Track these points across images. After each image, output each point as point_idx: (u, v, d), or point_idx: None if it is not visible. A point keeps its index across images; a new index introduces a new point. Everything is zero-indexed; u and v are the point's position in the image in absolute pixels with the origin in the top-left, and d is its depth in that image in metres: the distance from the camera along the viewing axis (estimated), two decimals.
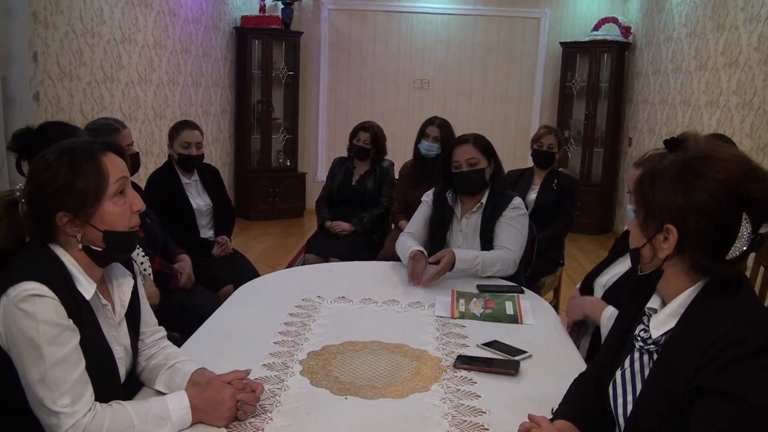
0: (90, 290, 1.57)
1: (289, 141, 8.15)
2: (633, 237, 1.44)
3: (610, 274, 2.37)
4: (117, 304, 1.70)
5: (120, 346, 1.68)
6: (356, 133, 4.44)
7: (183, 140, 3.65)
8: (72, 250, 1.57)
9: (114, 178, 1.58)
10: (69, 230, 1.55)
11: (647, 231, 1.37)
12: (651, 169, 1.37)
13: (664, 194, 1.32)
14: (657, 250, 1.36)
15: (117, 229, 1.59)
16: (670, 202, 1.31)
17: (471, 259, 2.83)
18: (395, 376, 1.87)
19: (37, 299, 1.42)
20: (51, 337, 1.42)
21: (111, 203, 1.57)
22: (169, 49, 5.77)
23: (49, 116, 3.78)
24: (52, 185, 1.51)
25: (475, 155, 2.99)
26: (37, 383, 1.42)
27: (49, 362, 1.42)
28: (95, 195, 1.54)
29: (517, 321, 2.37)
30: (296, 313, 2.37)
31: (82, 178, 1.53)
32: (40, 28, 3.71)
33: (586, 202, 7.22)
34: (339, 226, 4.32)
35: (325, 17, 8.19)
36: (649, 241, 1.37)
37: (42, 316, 1.42)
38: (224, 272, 3.53)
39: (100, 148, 1.59)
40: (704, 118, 5.57)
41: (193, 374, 1.72)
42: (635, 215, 1.42)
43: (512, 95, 8.33)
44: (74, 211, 1.53)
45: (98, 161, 1.56)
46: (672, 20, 6.47)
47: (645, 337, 1.43)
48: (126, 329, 1.72)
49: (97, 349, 1.58)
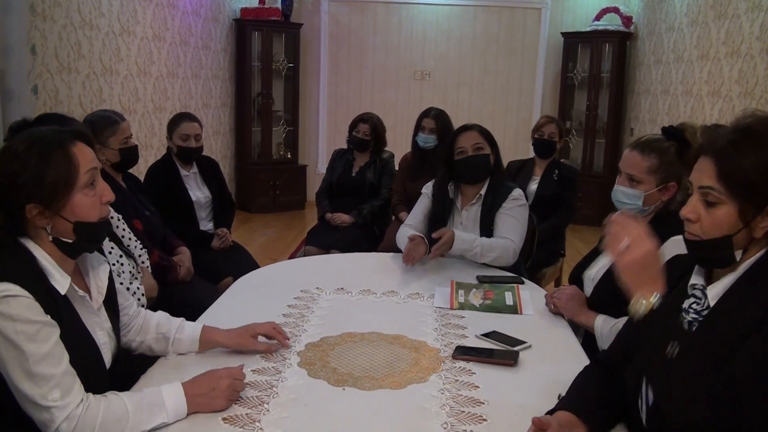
0: (65, 284, 1.55)
1: (289, 133, 8.13)
2: (713, 227, 1.37)
3: (598, 266, 2.36)
4: (94, 291, 1.70)
5: (103, 331, 1.69)
6: (356, 124, 4.42)
7: (182, 132, 3.64)
8: (43, 243, 1.55)
9: (84, 168, 1.55)
10: (38, 222, 1.53)
11: (746, 216, 1.33)
12: (731, 151, 1.33)
13: (762, 170, 1.30)
14: (754, 230, 1.33)
15: (87, 220, 1.58)
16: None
17: (470, 240, 2.82)
18: (393, 367, 1.86)
19: (11, 299, 1.41)
20: (30, 335, 1.41)
21: (81, 194, 1.56)
22: (169, 41, 5.75)
23: (47, 109, 3.78)
24: (21, 176, 1.49)
25: (480, 140, 2.99)
26: (25, 382, 1.41)
27: (33, 360, 1.41)
28: (65, 186, 1.52)
29: (516, 311, 2.37)
30: (295, 305, 2.36)
31: (52, 168, 1.50)
32: (38, 20, 3.70)
33: (587, 193, 7.20)
34: (339, 218, 4.32)
35: (325, 9, 8.16)
36: (746, 225, 1.33)
37: (18, 316, 1.41)
38: (224, 265, 3.53)
39: (69, 138, 1.56)
40: (706, 107, 5.54)
41: (202, 335, 1.90)
42: (714, 204, 1.36)
43: (513, 86, 8.30)
44: (44, 203, 1.51)
45: (68, 151, 1.53)
46: (673, 9, 6.43)
47: (699, 309, 1.40)
48: (105, 314, 1.73)
49: (80, 340, 1.57)
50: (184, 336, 1.90)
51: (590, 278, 2.38)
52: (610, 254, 1.48)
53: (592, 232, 6.93)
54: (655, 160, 2.18)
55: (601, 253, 2.41)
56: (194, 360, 1.88)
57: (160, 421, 1.50)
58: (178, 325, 1.92)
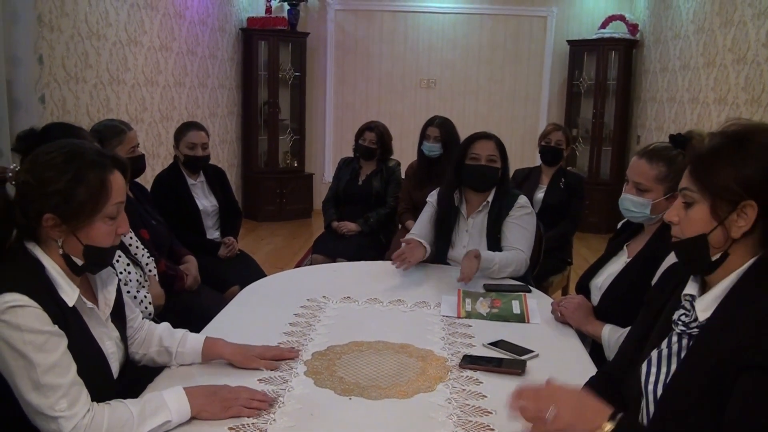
0: (73, 296, 1.55)
1: (296, 142, 8.14)
2: (689, 226, 1.40)
3: (605, 275, 2.35)
4: (102, 303, 1.70)
5: (111, 341, 1.70)
6: (362, 133, 4.43)
7: (189, 141, 3.65)
8: (52, 253, 1.56)
9: (115, 200, 1.57)
10: (51, 233, 1.53)
11: (718, 214, 1.34)
12: (704, 151, 1.36)
13: (734, 170, 1.31)
14: (731, 230, 1.33)
15: (99, 245, 1.59)
16: (744, 175, 1.30)
17: (489, 259, 2.81)
18: (400, 376, 1.86)
19: (18, 310, 1.41)
20: (38, 346, 1.41)
21: (101, 222, 1.57)
22: (176, 51, 5.77)
23: (55, 119, 3.79)
24: (51, 186, 1.49)
25: (495, 153, 2.99)
26: (32, 392, 1.41)
27: (41, 370, 1.41)
28: (92, 210, 1.54)
29: (523, 320, 2.35)
30: (301, 314, 2.36)
31: (84, 188, 1.51)
32: (46, 31, 3.72)
33: (594, 201, 7.19)
34: (345, 227, 4.32)
35: (332, 18, 8.18)
36: (720, 223, 1.34)
37: (26, 326, 1.41)
38: (230, 273, 3.53)
39: (110, 164, 1.58)
40: (713, 115, 5.52)
41: (204, 347, 1.89)
42: (691, 204, 1.39)
43: (519, 94, 8.30)
44: (64, 218, 1.52)
45: (105, 178, 1.55)
46: (679, 17, 6.43)
47: (687, 321, 1.41)
48: (113, 324, 1.73)
49: (88, 350, 1.58)
50: (186, 349, 1.89)
51: (597, 287, 2.37)
52: (540, 431, 1.29)
53: (599, 239, 6.91)
54: (663, 169, 2.17)
55: (608, 262, 2.40)
56: (201, 371, 1.88)
57: (164, 419, 1.51)
58: (180, 338, 1.91)
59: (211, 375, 1.83)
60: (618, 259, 2.35)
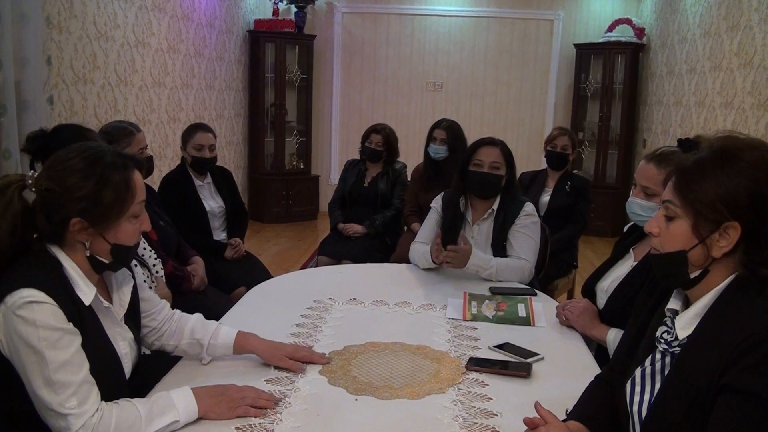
0: (90, 295, 1.57)
1: (302, 144, 8.16)
2: (669, 241, 1.37)
3: (611, 278, 2.35)
4: (116, 304, 1.72)
5: (125, 341, 1.71)
6: (368, 135, 4.44)
7: (196, 143, 3.67)
8: (74, 254, 1.57)
9: (139, 198, 1.60)
10: (79, 236, 1.55)
11: (700, 232, 1.32)
12: (689, 164, 1.33)
13: (719, 188, 1.28)
14: (711, 249, 1.31)
15: (125, 244, 1.61)
16: (729, 195, 1.27)
17: (486, 259, 2.81)
18: (414, 377, 1.86)
19: (35, 305, 1.42)
20: (52, 342, 1.43)
21: (127, 222, 1.59)
22: (183, 53, 5.80)
23: (63, 120, 3.82)
24: (78, 191, 1.51)
25: (499, 160, 2.97)
26: (43, 388, 1.42)
27: (53, 367, 1.42)
28: (119, 212, 1.56)
29: (529, 323, 2.36)
30: (308, 315, 2.37)
31: (111, 191, 1.53)
32: (54, 32, 3.74)
33: (600, 204, 7.18)
34: (351, 228, 4.32)
35: (338, 20, 8.20)
36: (701, 242, 1.32)
37: (41, 322, 1.42)
38: (237, 274, 3.54)
39: (131, 165, 1.60)
40: (719, 119, 5.52)
41: (236, 341, 1.91)
42: (673, 218, 1.36)
43: (526, 97, 8.30)
44: (92, 221, 1.54)
45: (129, 179, 1.57)
46: (686, 21, 6.42)
47: (669, 339, 1.40)
48: (126, 324, 1.75)
49: (101, 350, 1.59)
50: (218, 342, 1.91)
51: (603, 290, 2.37)
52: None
53: (605, 243, 6.91)
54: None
55: (614, 265, 2.40)
56: (208, 370, 1.89)
57: (172, 419, 1.52)
58: (213, 330, 1.93)
59: (218, 375, 1.84)
60: (624, 262, 2.35)
